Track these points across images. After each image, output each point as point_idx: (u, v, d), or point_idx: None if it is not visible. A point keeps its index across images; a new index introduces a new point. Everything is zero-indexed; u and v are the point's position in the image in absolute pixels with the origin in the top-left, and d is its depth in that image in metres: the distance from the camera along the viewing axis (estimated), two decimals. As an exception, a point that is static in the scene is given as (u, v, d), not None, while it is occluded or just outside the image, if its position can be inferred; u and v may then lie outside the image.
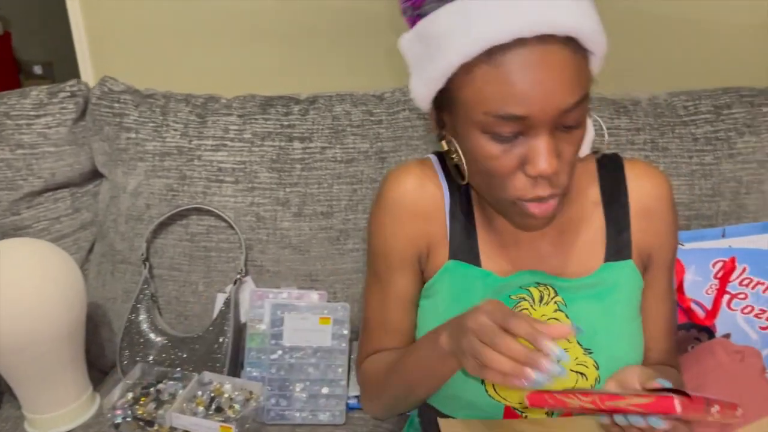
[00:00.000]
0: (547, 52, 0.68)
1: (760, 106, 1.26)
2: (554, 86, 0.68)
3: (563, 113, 0.70)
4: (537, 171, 0.71)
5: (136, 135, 1.28)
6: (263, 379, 1.18)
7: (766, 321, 1.13)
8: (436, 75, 0.74)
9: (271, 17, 1.47)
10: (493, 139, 0.72)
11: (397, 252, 0.89)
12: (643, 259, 0.89)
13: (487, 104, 0.70)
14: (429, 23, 0.74)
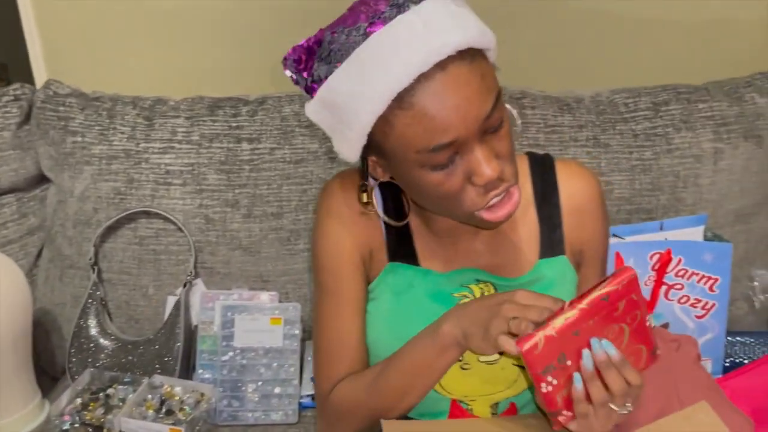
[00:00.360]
0: (449, 75, 0.70)
1: (695, 103, 1.30)
2: (468, 103, 0.71)
3: (484, 121, 0.73)
4: (484, 179, 0.74)
5: (82, 138, 1.27)
6: (215, 381, 1.19)
7: (702, 310, 1.17)
8: (354, 136, 0.76)
9: (222, 19, 1.47)
10: (432, 169, 0.75)
11: (345, 258, 0.90)
12: (576, 255, 0.92)
13: (415, 144, 0.73)
14: (327, 92, 0.76)
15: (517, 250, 0.90)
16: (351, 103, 0.74)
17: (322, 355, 0.91)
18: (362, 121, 0.73)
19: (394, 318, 0.88)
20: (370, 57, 0.72)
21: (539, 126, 1.28)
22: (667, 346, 1.08)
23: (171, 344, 1.21)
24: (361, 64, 0.72)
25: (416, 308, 0.87)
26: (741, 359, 1.23)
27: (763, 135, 1.29)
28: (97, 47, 1.47)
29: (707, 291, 1.16)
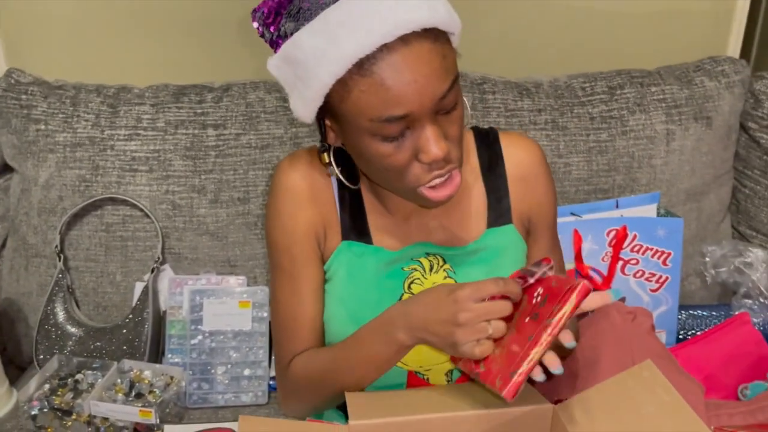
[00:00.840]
0: (411, 50, 0.72)
1: (648, 86, 1.35)
2: (426, 80, 0.73)
3: (439, 101, 0.75)
4: (430, 157, 0.76)
5: (46, 126, 1.26)
6: (185, 365, 1.20)
7: (656, 284, 1.22)
8: (311, 95, 0.77)
9: (182, 8, 1.47)
10: (383, 140, 0.77)
11: (299, 238, 0.91)
12: (524, 222, 0.96)
13: (369, 112, 0.74)
14: (292, 47, 0.77)
15: (466, 221, 0.93)
16: (312, 61, 0.75)
17: (280, 331, 0.93)
18: (321, 80, 0.75)
19: (348, 297, 0.90)
20: (338, 19, 0.73)
21: (500, 110, 1.32)
22: (623, 318, 1.12)
23: (139, 330, 1.22)
24: (327, 25, 0.73)
25: (369, 287, 0.89)
26: (694, 331, 1.28)
27: (712, 116, 1.35)
28: (58, 37, 1.46)
29: (661, 265, 1.21)
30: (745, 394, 1.09)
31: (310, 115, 0.81)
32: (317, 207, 0.91)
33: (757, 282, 1.29)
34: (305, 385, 0.91)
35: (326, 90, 0.76)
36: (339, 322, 0.90)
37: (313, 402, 0.92)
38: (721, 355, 1.19)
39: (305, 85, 0.77)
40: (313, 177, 0.91)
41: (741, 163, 1.42)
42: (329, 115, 0.81)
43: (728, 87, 1.36)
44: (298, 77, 0.78)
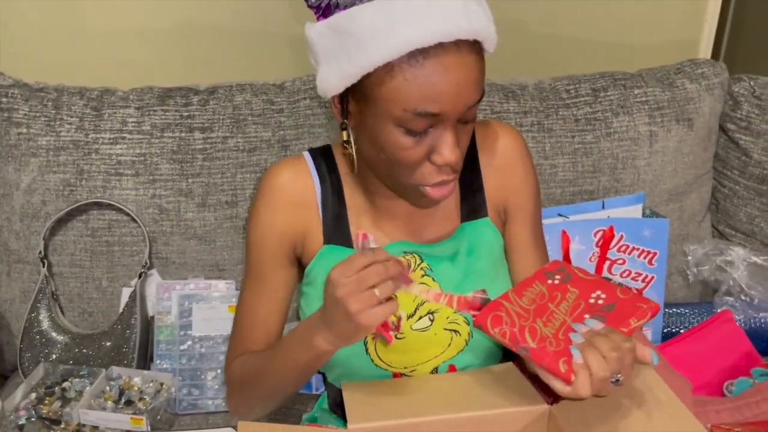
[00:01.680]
0: (461, 55, 0.75)
1: (631, 89, 1.37)
2: (465, 86, 0.75)
3: (468, 109, 0.77)
4: (444, 161, 0.78)
5: (28, 130, 1.24)
6: (174, 371, 1.19)
7: (642, 283, 1.25)
8: (353, 71, 0.77)
9: (166, 9, 1.46)
10: (406, 132, 0.78)
11: (272, 241, 0.91)
12: (500, 214, 0.96)
13: (407, 102, 0.75)
14: (348, 20, 0.76)
15: (440, 217, 0.94)
16: (367, 37, 0.74)
17: (236, 329, 0.96)
18: (370, 59, 0.74)
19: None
20: (404, 6, 0.74)
21: (486, 113, 1.33)
22: (612, 317, 1.14)
23: (127, 336, 1.20)
24: (392, 8, 0.74)
25: None
26: (678, 329, 1.31)
27: (693, 118, 1.38)
28: (41, 41, 1.44)
29: (647, 264, 1.23)
30: (731, 390, 1.12)
31: (338, 89, 0.80)
32: (299, 211, 0.92)
33: (738, 280, 1.32)
34: (240, 385, 0.93)
35: (370, 69, 0.76)
36: None
37: (248, 403, 0.93)
38: (706, 352, 1.21)
39: (349, 59, 0.77)
40: (297, 182, 0.92)
41: (720, 164, 1.45)
42: (355, 95, 0.80)
43: (708, 89, 1.39)
44: (343, 49, 0.77)
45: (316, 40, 0.81)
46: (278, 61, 1.52)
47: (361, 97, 0.80)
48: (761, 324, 1.29)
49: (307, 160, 0.94)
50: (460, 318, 0.89)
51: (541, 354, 0.72)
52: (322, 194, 0.92)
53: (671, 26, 1.64)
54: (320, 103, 1.30)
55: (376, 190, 0.92)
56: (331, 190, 0.92)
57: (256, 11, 1.48)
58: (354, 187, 0.93)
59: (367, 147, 0.83)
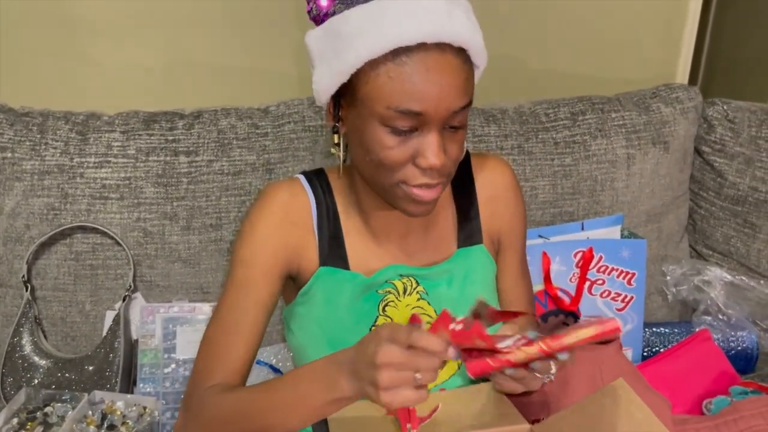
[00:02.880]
0: (443, 57, 0.77)
1: (609, 113, 1.41)
2: (448, 89, 0.78)
3: (452, 114, 0.79)
4: (427, 164, 0.80)
5: (12, 154, 1.24)
6: (158, 394, 1.18)
7: (621, 303, 1.27)
8: (342, 68, 0.80)
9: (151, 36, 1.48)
10: (390, 132, 0.80)
11: (265, 256, 0.90)
12: (494, 242, 0.99)
13: (389, 99, 0.78)
14: (339, 21, 0.81)
15: (437, 241, 0.96)
16: (355, 36, 0.78)
17: (210, 345, 0.89)
18: (358, 55, 0.78)
19: (325, 321, 0.91)
20: (391, 8, 0.77)
21: (467, 136, 1.34)
22: (592, 337, 1.15)
23: (111, 360, 1.20)
24: (380, 9, 0.78)
25: (346, 311, 0.91)
26: (657, 348, 1.33)
27: (669, 141, 1.41)
28: (21, 64, 1.45)
29: (626, 285, 1.26)
30: (710, 409, 1.14)
31: (330, 90, 0.83)
32: (295, 230, 0.93)
33: (716, 299, 1.35)
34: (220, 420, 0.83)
35: (358, 65, 0.79)
36: (316, 346, 0.90)
37: None
38: (684, 371, 1.23)
39: (339, 58, 0.80)
40: (295, 202, 0.93)
41: (696, 185, 1.49)
42: (346, 97, 0.83)
43: (683, 113, 1.43)
44: (334, 49, 0.81)
45: (312, 44, 0.85)
46: (260, 85, 1.54)
47: (350, 99, 0.83)
48: (739, 343, 1.32)
49: (302, 182, 0.95)
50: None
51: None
52: (318, 215, 0.93)
53: (649, 53, 1.68)
54: (305, 126, 1.32)
55: (370, 210, 0.93)
56: (327, 211, 0.94)
57: (236, 35, 1.50)
58: (349, 208, 0.95)
59: (356, 150, 0.86)
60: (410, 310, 0.91)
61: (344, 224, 0.94)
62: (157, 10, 1.44)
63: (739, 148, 1.42)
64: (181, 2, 1.44)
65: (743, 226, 1.43)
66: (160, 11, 1.44)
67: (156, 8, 1.44)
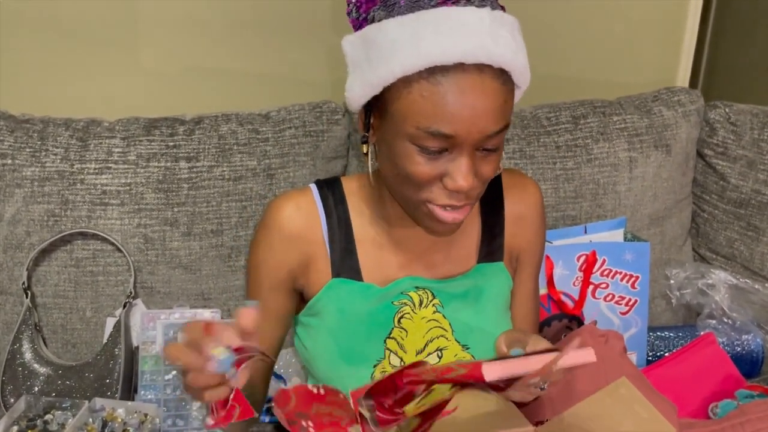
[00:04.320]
0: (482, 80, 0.73)
1: (610, 116, 1.40)
2: (482, 113, 0.74)
3: (486, 138, 0.76)
4: (455, 187, 0.77)
5: (12, 161, 1.24)
6: (159, 401, 1.17)
7: (625, 306, 1.26)
8: (374, 81, 0.77)
9: (151, 41, 1.48)
10: (420, 151, 0.77)
11: (267, 273, 0.93)
12: (513, 261, 0.98)
13: (420, 119, 0.75)
14: (376, 30, 0.77)
15: (457, 254, 0.94)
16: (390, 49, 0.75)
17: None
18: (390, 70, 0.75)
19: (339, 332, 0.90)
20: (430, 23, 0.73)
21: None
22: (596, 341, 1.14)
23: (111, 367, 1.19)
24: (417, 24, 0.74)
25: (360, 322, 0.90)
26: (662, 352, 1.32)
27: (671, 144, 1.41)
28: (22, 71, 1.45)
29: (630, 288, 1.25)
30: (716, 413, 1.13)
31: (362, 99, 0.81)
32: (300, 246, 0.92)
33: (720, 302, 1.34)
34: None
35: (390, 80, 0.76)
36: (329, 357, 0.89)
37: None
38: (690, 375, 1.22)
39: (372, 69, 0.77)
40: (299, 215, 0.92)
41: (699, 189, 1.48)
42: (377, 108, 0.81)
43: (685, 116, 1.43)
44: (368, 59, 0.78)
45: (348, 50, 0.82)
46: (262, 96, 1.54)
47: (381, 111, 0.80)
48: (744, 346, 1.30)
49: (313, 193, 0.94)
50: (467, 356, 0.89)
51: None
52: (328, 227, 0.92)
53: (650, 56, 1.68)
54: (306, 132, 1.32)
55: (396, 219, 0.92)
56: (338, 223, 0.92)
57: (233, 43, 1.50)
58: (364, 218, 0.93)
59: (384, 162, 0.84)
60: (426, 323, 0.90)
61: (357, 233, 0.93)
62: (156, 17, 1.45)
63: (742, 150, 1.41)
64: (181, 9, 1.44)
65: (746, 229, 1.42)
66: (160, 17, 1.45)
67: (155, 14, 1.44)
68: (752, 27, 1.61)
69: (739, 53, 1.65)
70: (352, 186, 0.95)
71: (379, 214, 0.93)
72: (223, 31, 1.47)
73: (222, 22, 1.47)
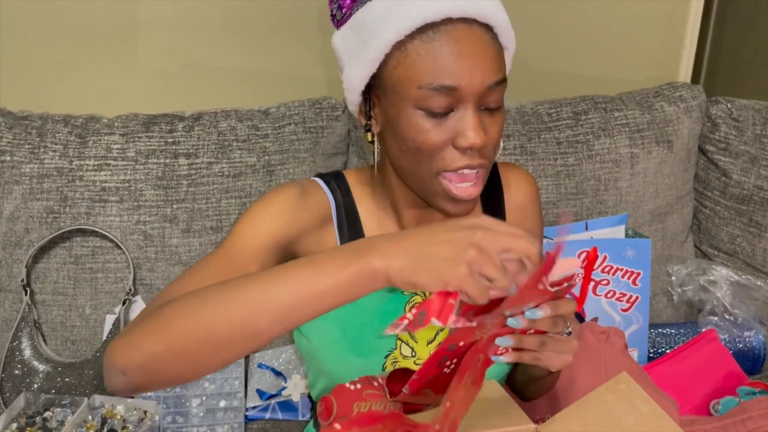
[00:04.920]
0: (472, 31, 0.76)
1: (612, 112, 1.40)
2: (480, 60, 0.76)
3: (487, 89, 0.76)
4: (468, 143, 0.77)
5: (11, 158, 1.24)
6: (158, 398, 1.17)
7: (626, 303, 1.25)
8: (372, 56, 0.79)
9: (150, 37, 1.48)
10: (426, 115, 0.77)
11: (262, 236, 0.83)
12: None
13: (421, 78, 0.76)
14: (363, 13, 0.80)
15: None
16: (381, 20, 0.77)
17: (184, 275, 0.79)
18: (386, 38, 0.76)
19: (347, 322, 0.89)
20: None
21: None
22: (597, 338, 1.14)
23: (110, 364, 1.19)
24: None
25: (369, 312, 0.88)
26: (664, 349, 1.31)
27: (673, 140, 1.40)
28: (21, 67, 1.44)
29: (631, 285, 1.24)
30: (717, 410, 1.12)
31: (361, 84, 0.82)
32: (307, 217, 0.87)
33: (722, 299, 1.33)
34: (171, 314, 0.66)
35: (387, 49, 0.77)
36: (337, 348, 0.88)
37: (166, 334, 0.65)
38: (691, 371, 1.21)
39: (367, 46, 0.79)
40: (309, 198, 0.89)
41: (701, 185, 1.48)
42: (376, 90, 0.82)
43: (686, 111, 1.42)
44: (362, 40, 0.80)
45: (339, 44, 0.84)
46: (261, 93, 1.53)
47: (381, 91, 0.81)
48: (746, 343, 1.30)
49: (319, 182, 0.92)
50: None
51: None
52: (338, 217, 0.91)
53: (651, 51, 1.67)
54: (305, 128, 1.31)
55: (405, 209, 0.91)
56: (346, 213, 0.91)
57: (234, 37, 1.50)
58: (370, 210, 0.92)
59: (391, 145, 0.83)
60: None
61: (366, 226, 0.92)
62: (155, 13, 1.44)
63: (744, 146, 1.40)
64: (180, 5, 1.44)
65: (748, 225, 1.41)
66: (159, 14, 1.44)
67: (154, 11, 1.44)
68: (754, 22, 1.60)
69: (741, 48, 1.64)
70: (356, 179, 0.94)
71: (383, 205, 0.93)
72: (222, 27, 1.47)
73: (221, 19, 1.46)
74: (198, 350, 0.65)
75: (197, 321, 0.65)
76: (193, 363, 0.66)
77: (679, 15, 1.66)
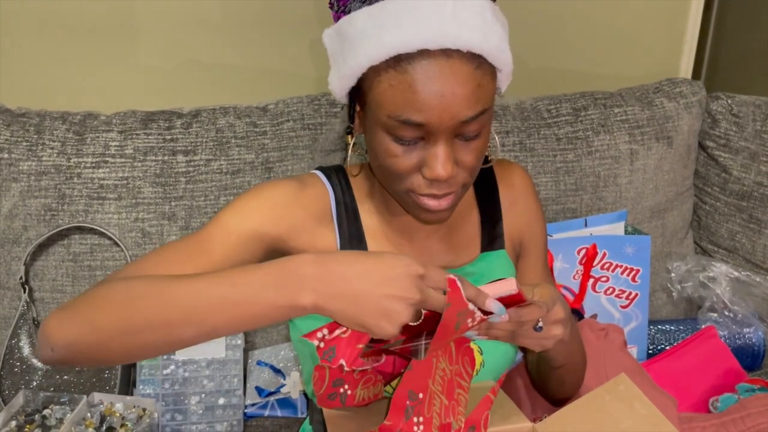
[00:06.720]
0: (449, 65, 0.71)
1: (611, 108, 1.39)
2: (451, 98, 0.72)
3: (461, 124, 0.74)
4: (433, 175, 0.76)
5: (9, 155, 1.24)
6: (157, 396, 1.17)
7: (626, 300, 1.25)
8: (347, 72, 0.77)
9: (148, 35, 1.47)
10: (394, 140, 0.76)
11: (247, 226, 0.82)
12: (516, 247, 0.97)
13: (390, 108, 0.74)
14: (347, 22, 0.77)
15: (462, 244, 0.94)
16: (359, 40, 0.75)
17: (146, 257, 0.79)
18: (358, 61, 0.74)
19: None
20: (393, 10, 0.73)
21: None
22: (596, 335, 1.14)
23: (109, 361, 1.19)
24: (382, 12, 0.73)
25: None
26: (663, 346, 1.31)
27: (673, 136, 1.39)
28: (17, 65, 1.44)
29: (630, 282, 1.24)
30: (716, 407, 1.12)
31: (341, 92, 0.81)
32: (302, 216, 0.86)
33: (721, 296, 1.33)
34: (119, 298, 0.67)
35: (360, 72, 0.75)
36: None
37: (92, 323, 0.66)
38: (690, 368, 1.21)
39: (345, 61, 0.77)
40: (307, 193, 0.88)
41: (701, 181, 1.47)
42: (358, 98, 0.81)
43: (686, 107, 1.41)
44: (342, 52, 0.78)
45: (327, 43, 0.82)
46: (258, 84, 1.53)
47: (361, 102, 0.80)
48: (745, 340, 1.30)
49: (320, 176, 0.92)
50: (474, 347, 0.89)
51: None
52: (338, 213, 0.90)
53: (651, 47, 1.66)
54: (304, 125, 1.31)
55: (394, 210, 0.90)
56: (346, 210, 0.90)
57: (231, 35, 1.49)
58: (371, 208, 0.92)
59: (370, 153, 0.82)
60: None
61: (365, 224, 0.91)
62: (153, 10, 1.43)
63: (744, 142, 1.40)
64: (179, 2, 1.43)
65: (748, 222, 1.41)
66: (157, 11, 1.43)
67: (152, 8, 1.43)
68: (755, 18, 1.59)
69: (742, 44, 1.63)
70: (356, 174, 0.94)
71: (381, 205, 0.92)
72: (220, 24, 1.46)
73: (220, 16, 1.46)
74: (121, 341, 0.67)
75: (122, 313, 0.67)
76: (117, 353, 0.68)
77: (680, 11, 1.65)
